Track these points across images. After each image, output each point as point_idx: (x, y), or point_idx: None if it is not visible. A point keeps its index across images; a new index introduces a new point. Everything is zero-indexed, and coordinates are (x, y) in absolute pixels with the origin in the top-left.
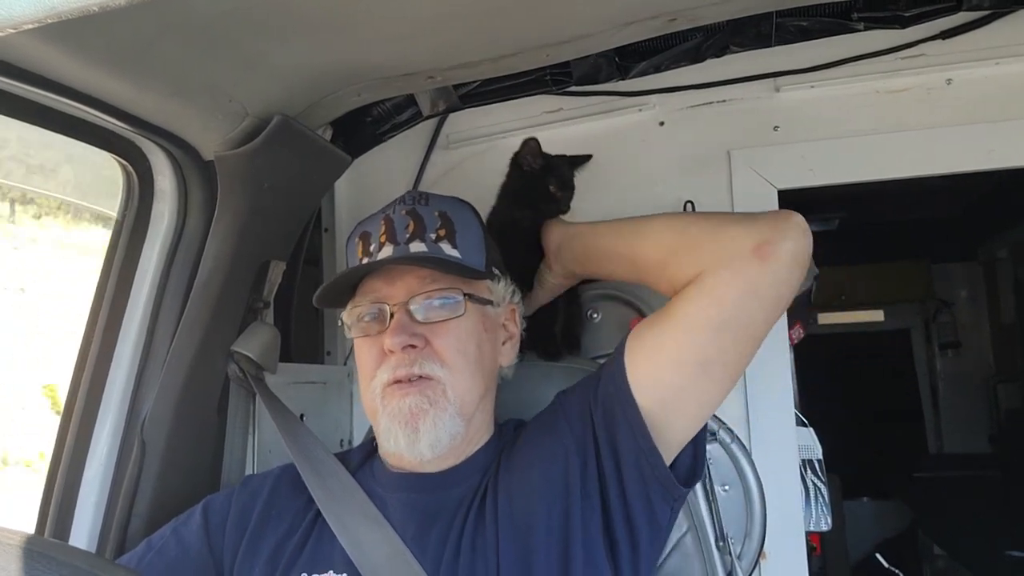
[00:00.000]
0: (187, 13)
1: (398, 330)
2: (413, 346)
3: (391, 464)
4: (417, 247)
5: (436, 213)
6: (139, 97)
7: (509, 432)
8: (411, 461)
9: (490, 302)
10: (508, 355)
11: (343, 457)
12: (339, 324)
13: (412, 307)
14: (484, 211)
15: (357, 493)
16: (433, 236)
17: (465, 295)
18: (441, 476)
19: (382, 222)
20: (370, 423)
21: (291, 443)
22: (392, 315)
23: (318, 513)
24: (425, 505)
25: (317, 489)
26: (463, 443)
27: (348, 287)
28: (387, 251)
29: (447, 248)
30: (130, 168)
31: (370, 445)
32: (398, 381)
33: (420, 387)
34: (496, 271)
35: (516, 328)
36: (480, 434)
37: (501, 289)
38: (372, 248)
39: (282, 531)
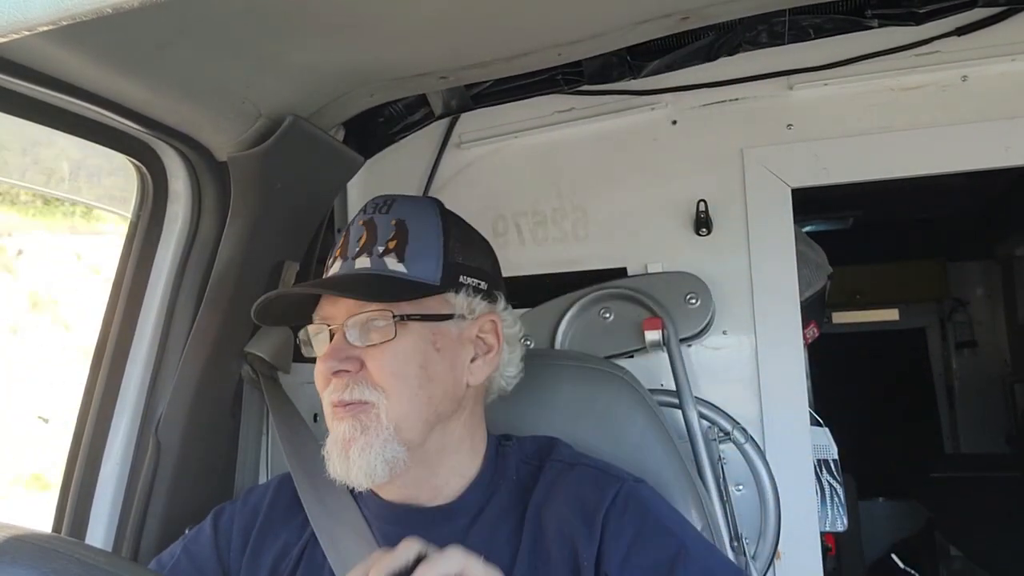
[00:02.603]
0: (200, 15)
1: (329, 355)
2: (347, 371)
3: (378, 491)
4: (362, 263)
5: (392, 222)
6: (153, 98)
7: (524, 459)
8: (390, 496)
9: (448, 316)
10: (481, 371)
11: None
12: (297, 341)
13: (347, 329)
14: (497, 209)
15: (351, 510)
16: (380, 249)
17: (397, 316)
18: (430, 512)
19: (344, 232)
20: None
21: (291, 454)
22: (332, 337)
23: (313, 534)
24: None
25: (312, 504)
26: (425, 471)
27: (308, 303)
28: (336, 267)
29: (391, 262)
30: (144, 169)
31: None
32: (334, 405)
33: (354, 412)
34: (466, 279)
35: (498, 340)
36: (461, 461)
37: (465, 300)
38: (330, 262)
39: (277, 551)
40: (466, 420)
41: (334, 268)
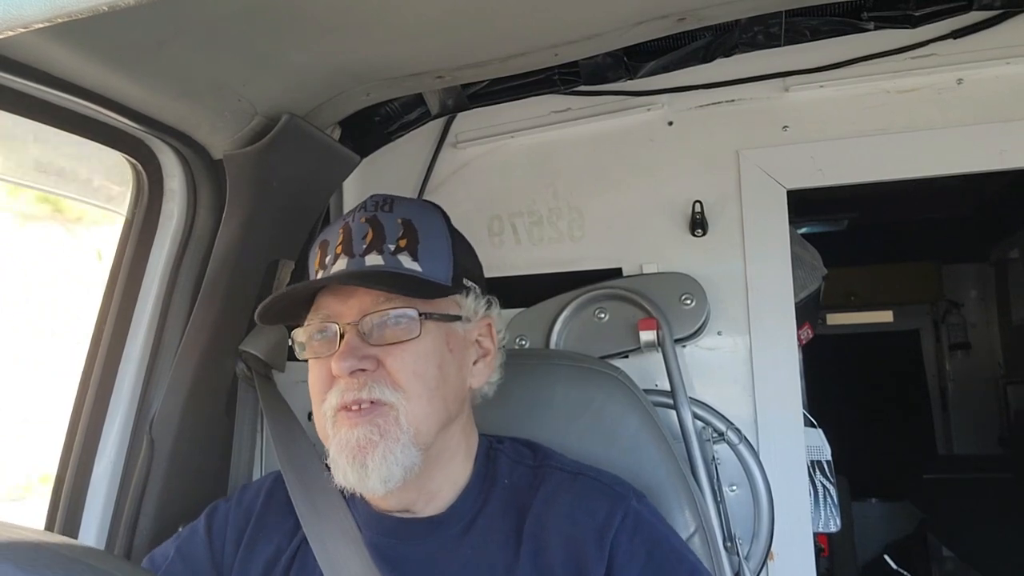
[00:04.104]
0: (196, 13)
1: (346, 353)
2: (363, 370)
3: (370, 500)
4: (373, 260)
5: (399, 220)
6: (148, 96)
7: (516, 461)
8: (386, 504)
9: (458, 318)
10: (481, 374)
11: None
12: (289, 343)
13: (364, 327)
14: (493, 209)
15: (343, 514)
16: (392, 247)
17: (422, 315)
18: (421, 523)
19: (340, 230)
20: None
21: (283, 454)
22: (342, 336)
23: (304, 538)
24: (399, 554)
25: (303, 504)
26: (425, 476)
27: (302, 302)
28: (341, 264)
29: (406, 260)
30: (139, 167)
31: None
32: (346, 408)
33: (370, 415)
34: (468, 283)
35: (493, 344)
36: (455, 467)
37: (471, 303)
38: (327, 260)
39: (270, 555)
40: (463, 424)
41: (337, 265)
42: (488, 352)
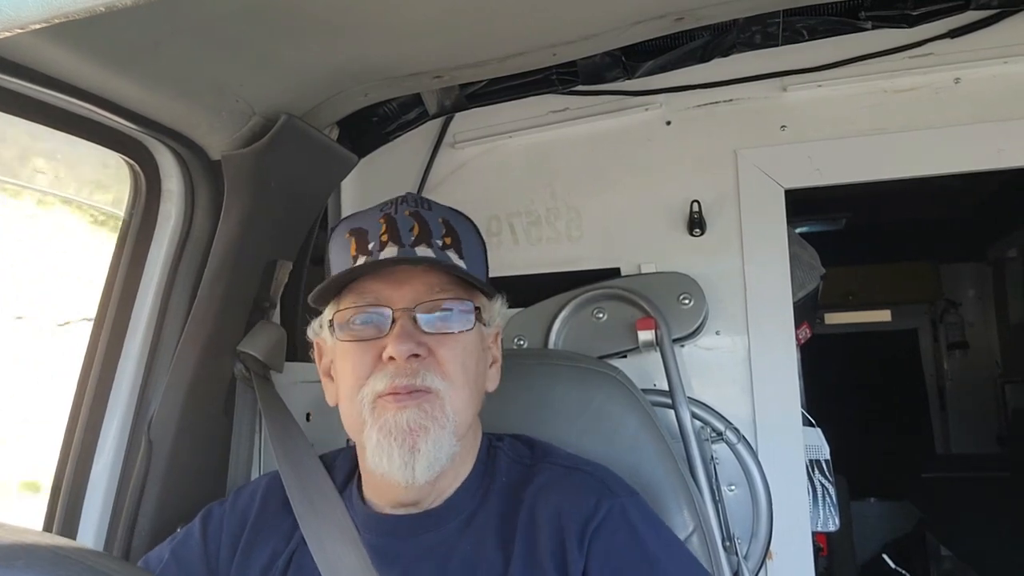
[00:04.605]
0: (194, 13)
1: (404, 337)
2: (417, 355)
3: (371, 500)
4: (424, 251)
5: (440, 220)
6: (146, 97)
7: (515, 458)
8: (391, 499)
9: (485, 322)
10: (494, 379)
11: (331, 462)
12: (319, 326)
13: (418, 314)
14: (491, 209)
15: (341, 513)
16: (440, 243)
17: (476, 308)
18: (417, 518)
19: (382, 220)
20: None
21: (281, 455)
22: (394, 321)
23: (301, 540)
24: (397, 552)
25: (300, 504)
26: (441, 473)
27: (339, 286)
28: (390, 251)
29: (454, 257)
30: (137, 168)
31: (351, 464)
32: (395, 393)
33: (418, 400)
34: (491, 289)
35: (499, 353)
36: (463, 464)
37: (497, 309)
38: (371, 247)
39: (266, 559)
40: (477, 424)
41: (386, 252)
42: (496, 360)
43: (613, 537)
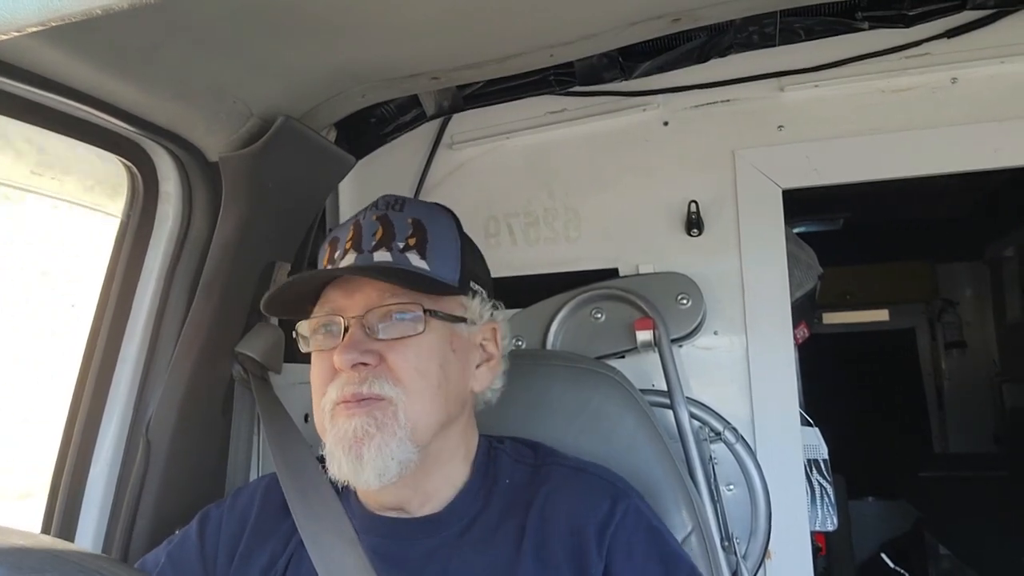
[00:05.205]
0: (191, 15)
1: (349, 347)
2: (365, 364)
3: (364, 501)
4: (382, 256)
5: (409, 220)
6: (143, 99)
7: (517, 460)
8: (374, 501)
9: (463, 319)
10: (484, 379)
11: None
12: (294, 335)
13: (368, 321)
14: (489, 209)
15: (339, 516)
16: (401, 245)
17: (427, 311)
18: (418, 523)
19: (351, 227)
20: None
21: (280, 457)
22: (346, 329)
23: (300, 543)
24: (397, 554)
25: (299, 506)
26: (422, 475)
27: (310, 296)
28: (349, 259)
29: (414, 259)
30: (135, 170)
31: None
32: (345, 401)
33: (368, 408)
34: (475, 286)
35: (497, 349)
36: (454, 468)
37: (477, 306)
38: (336, 255)
39: (264, 562)
40: (463, 427)
41: (346, 260)
42: (492, 357)
43: (632, 538)
